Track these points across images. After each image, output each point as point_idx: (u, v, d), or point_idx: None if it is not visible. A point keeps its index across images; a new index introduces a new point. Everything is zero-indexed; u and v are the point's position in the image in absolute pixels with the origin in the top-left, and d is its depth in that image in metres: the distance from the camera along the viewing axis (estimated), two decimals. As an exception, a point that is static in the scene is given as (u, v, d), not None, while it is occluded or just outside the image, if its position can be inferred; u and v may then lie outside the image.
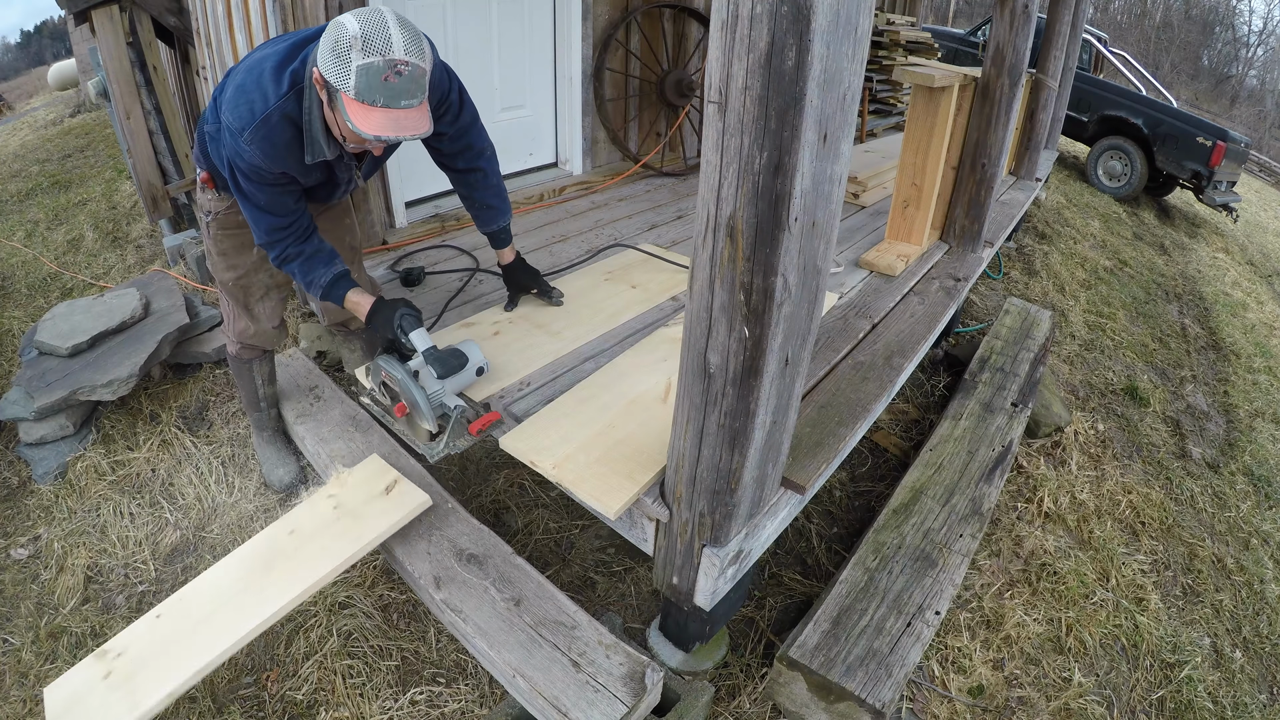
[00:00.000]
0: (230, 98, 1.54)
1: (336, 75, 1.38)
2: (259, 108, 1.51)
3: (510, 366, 2.08)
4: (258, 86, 1.53)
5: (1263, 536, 3.17)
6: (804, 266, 1.26)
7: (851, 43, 1.11)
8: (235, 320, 2.10)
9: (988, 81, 2.93)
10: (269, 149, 1.54)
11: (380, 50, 1.35)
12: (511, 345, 2.18)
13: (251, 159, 1.54)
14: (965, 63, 8.23)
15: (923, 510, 2.36)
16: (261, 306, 2.09)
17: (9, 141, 7.11)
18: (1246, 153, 8.01)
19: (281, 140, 1.55)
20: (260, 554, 1.82)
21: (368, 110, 1.38)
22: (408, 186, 3.11)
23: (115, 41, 3.27)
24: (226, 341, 2.19)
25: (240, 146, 1.53)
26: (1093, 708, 2.06)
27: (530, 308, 2.42)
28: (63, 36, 28.08)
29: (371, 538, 1.81)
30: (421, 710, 1.79)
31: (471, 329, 2.27)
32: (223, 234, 1.94)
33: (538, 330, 2.28)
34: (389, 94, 1.38)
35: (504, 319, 2.33)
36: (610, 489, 1.62)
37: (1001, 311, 3.82)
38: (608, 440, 1.77)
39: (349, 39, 1.35)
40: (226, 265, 1.99)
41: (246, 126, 1.51)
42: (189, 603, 1.72)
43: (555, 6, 3.51)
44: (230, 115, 1.53)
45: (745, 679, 1.95)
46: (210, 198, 1.88)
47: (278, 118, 1.52)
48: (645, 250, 2.89)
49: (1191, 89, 24.49)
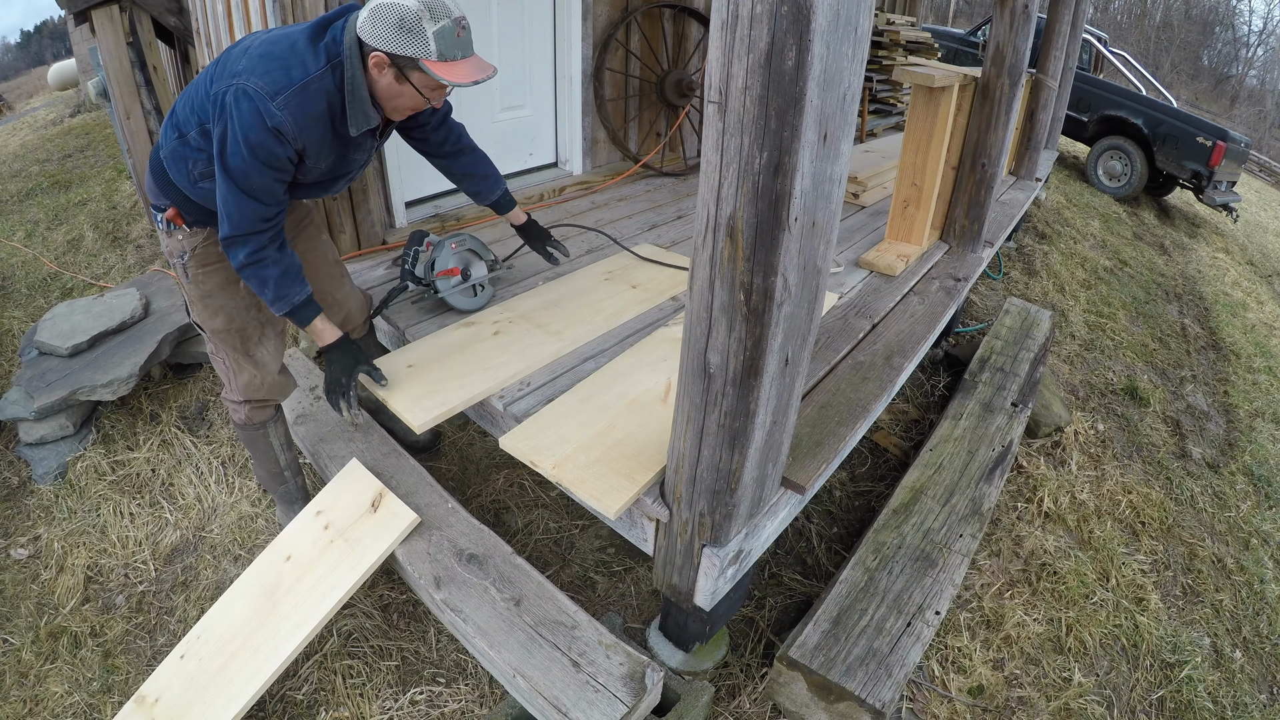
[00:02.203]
0: (257, 64, 1.49)
1: (414, 47, 1.49)
2: (297, 74, 1.49)
3: (510, 366, 2.07)
4: (294, 53, 1.51)
5: (1263, 536, 3.17)
6: (804, 266, 1.26)
7: (851, 43, 1.11)
8: (237, 374, 1.87)
9: (988, 81, 2.93)
10: (301, 117, 1.51)
11: (445, 14, 1.51)
12: (511, 345, 2.18)
13: (279, 123, 1.48)
14: (965, 63, 8.23)
15: (923, 510, 2.36)
16: (262, 349, 1.88)
17: (9, 141, 7.11)
18: (1246, 153, 8.00)
19: (314, 111, 1.53)
20: (265, 585, 1.85)
21: (453, 65, 1.53)
22: (408, 186, 3.11)
23: (115, 41, 3.27)
24: (229, 409, 1.95)
25: (268, 110, 1.46)
26: (1093, 708, 2.06)
27: (530, 307, 2.42)
28: (63, 36, 28.07)
29: (368, 565, 1.82)
30: (421, 710, 1.79)
31: (472, 328, 2.27)
32: (203, 272, 1.76)
33: (538, 330, 2.28)
34: (463, 46, 1.55)
35: (504, 319, 2.33)
36: (610, 489, 1.62)
37: (1001, 311, 3.82)
38: (608, 440, 1.77)
39: (414, 13, 1.48)
40: (215, 309, 1.79)
41: (282, 90, 1.47)
42: (208, 643, 1.77)
43: (555, 6, 3.50)
44: (260, 79, 1.46)
45: (745, 679, 1.95)
46: (182, 236, 1.71)
47: (316, 88, 1.52)
48: (641, 255, 2.88)
49: (1191, 89, 24.48)
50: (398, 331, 2.34)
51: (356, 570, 1.81)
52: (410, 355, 2.11)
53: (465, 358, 2.11)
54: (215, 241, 1.71)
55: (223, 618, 1.81)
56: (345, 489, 2.00)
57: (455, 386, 1.97)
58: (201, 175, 1.60)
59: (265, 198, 1.56)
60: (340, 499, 1.98)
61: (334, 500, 1.98)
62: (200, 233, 1.72)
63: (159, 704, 1.69)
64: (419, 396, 1.92)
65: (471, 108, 3.29)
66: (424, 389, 1.96)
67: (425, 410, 1.87)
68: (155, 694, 1.72)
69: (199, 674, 1.72)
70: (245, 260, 1.59)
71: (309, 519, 1.96)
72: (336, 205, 2.59)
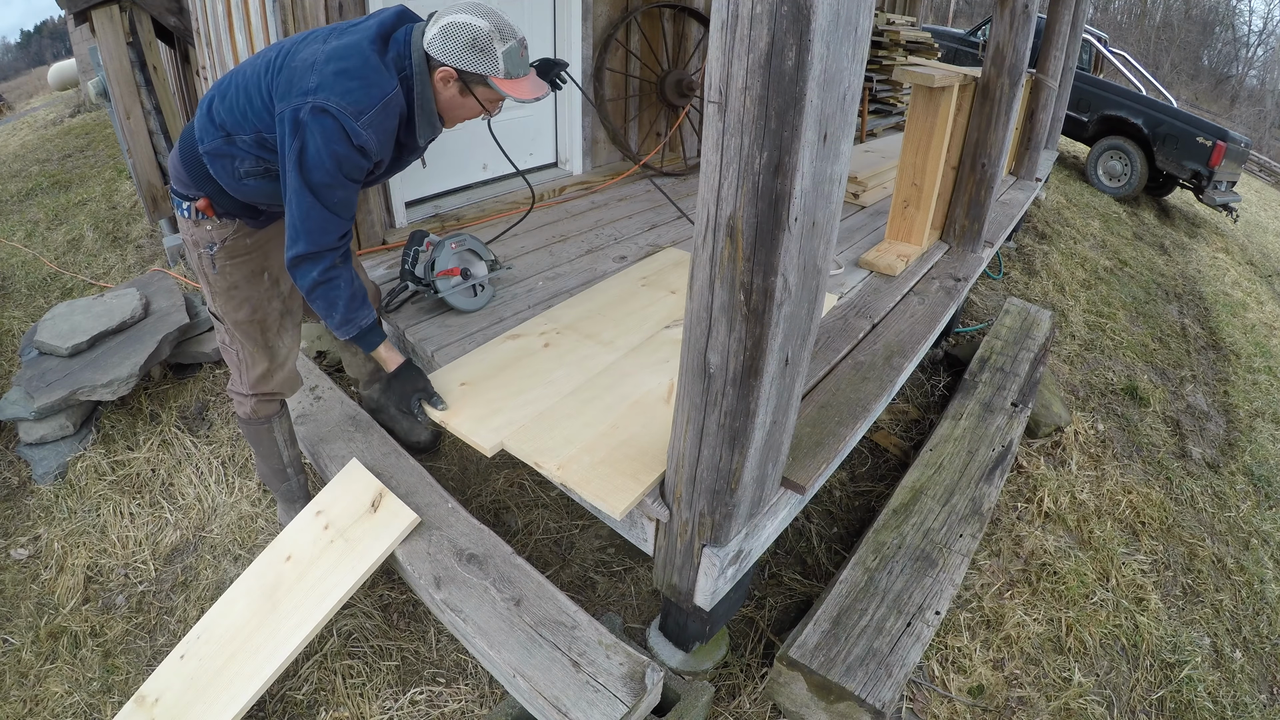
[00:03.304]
0: (333, 81, 1.48)
1: (484, 65, 1.58)
2: (376, 94, 1.52)
3: (571, 379, 2.01)
4: (368, 69, 1.53)
5: (1263, 536, 3.17)
6: (804, 266, 1.26)
7: (851, 43, 1.11)
8: (252, 366, 1.86)
9: (988, 81, 2.93)
10: (382, 134, 1.56)
11: (512, 35, 1.60)
12: (566, 357, 2.12)
13: (364, 141, 1.51)
14: (965, 63, 8.23)
15: (923, 510, 2.36)
16: (281, 340, 1.89)
17: (9, 141, 7.11)
18: (1246, 153, 8.00)
19: (393, 125, 1.59)
20: (265, 585, 1.85)
21: (517, 82, 1.63)
22: (408, 187, 3.11)
23: (115, 41, 3.27)
24: (235, 402, 1.94)
25: (353, 129, 1.48)
26: (1093, 708, 2.06)
27: (574, 317, 2.36)
28: (63, 36, 28.09)
29: (367, 566, 1.82)
30: (421, 710, 1.79)
31: (520, 340, 2.21)
32: (231, 264, 1.75)
33: (588, 340, 2.23)
34: (524, 65, 1.65)
35: (551, 329, 2.28)
36: (615, 489, 1.62)
37: (1001, 311, 3.82)
38: (612, 441, 1.77)
39: (486, 34, 1.56)
40: (239, 301, 1.79)
41: (365, 109, 1.50)
42: (208, 643, 1.77)
43: (555, 6, 3.50)
44: (341, 99, 1.47)
45: (745, 679, 1.95)
46: (211, 227, 1.71)
47: (393, 104, 1.57)
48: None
49: (1191, 89, 24.48)
50: (397, 331, 2.34)
51: (356, 571, 1.81)
52: (461, 372, 2.04)
53: (521, 372, 2.04)
54: (246, 233, 1.75)
55: (222, 618, 1.81)
56: (345, 489, 2.00)
57: (520, 404, 1.90)
58: (248, 173, 1.62)
59: (344, 212, 1.59)
60: (340, 499, 1.98)
61: (334, 500, 1.98)
62: (231, 224, 1.73)
63: (159, 704, 1.69)
64: (483, 417, 1.85)
65: (471, 108, 3.29)
66: (486, 408, 1.88)
67: (494, 431, 1.80)
68: (155, 694, 1.72)
69: (199, 674, 1.72)
70: (319, 278, 1.59)
71: (309, 519, 1.96)
72: (336, 205, 2.59)
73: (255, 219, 1.76)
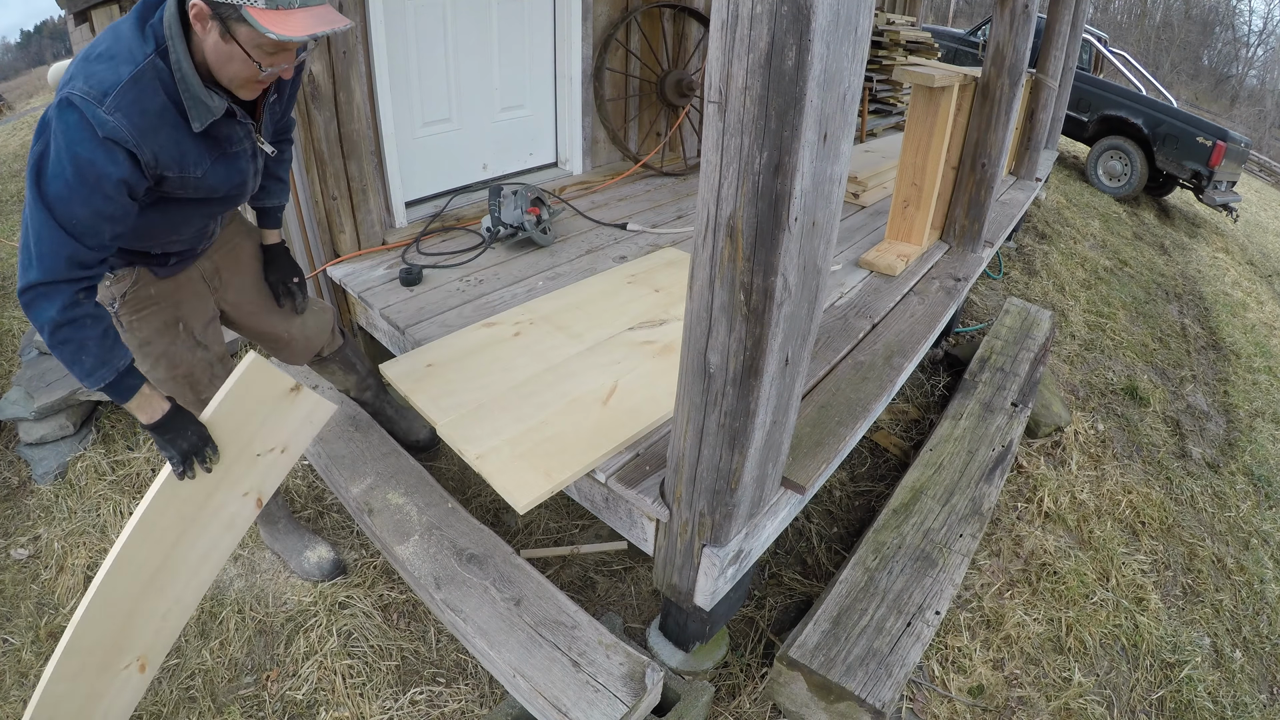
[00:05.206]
0: (80, 66, 1.22)
1: None
2: (126, 68, 1.21)
3: (530, 368, 2.08)
4: (118, 44, 1.23)
5: (1263, 536, 3.17)
6: (804, 266, 1.26)
7: (851, 43, 1.11)
8: None
9: (988, 81, 2.93)
10: (139, 117, 1.22)
11: None
12: (532, 347, 2.18)
13: (112, 131, 1.19)
14: (965, 63, 8.23)
15: (923, 510, 2.36)
16: (214, 391, 1.55)
17: (9, 141, 7.11)
18: (1246, 153, 8.01)
19: (154, 106, 1.24)
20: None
21: (286, 15, 1.21)
22: (408, 186, 3.11)
23: (115, 41, 3.27)
24: None
25: (98, 117, 1.18)
26: (1093, 708, 2.06)
27: (552, 309, 2.42)
28: (63, 36, 28.09)
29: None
30: (421, 710, 1.79)
31: (492, 329, 2.28)
32: (138, 319, 1.55)
33: (559, 332, 2.28)
34: None
35: (525, 320, 2.33)
36: (523, 484, 1.66)
37: (1001, 311, 3.82)
38: (536, 437, 1.81)
39: None
40: (155, 358, 1.59)
41: (110, 90, 1.19)
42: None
43: (555, 6, 3.50)
44: (85, 83, 1.19)
45: (745, 679, 1.95)
46: (110, 282, 1.51)
47: (150, 76, 1.23)
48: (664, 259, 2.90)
49: (1191, 89, 24.49)
50: (397, 331, 2.34)
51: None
52: (430, 354, 2.13)
53: (485, 358, 2.12)
54: (148, 282, 1.55)
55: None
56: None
57: (474, 387, 1.99)
58: None
59: (88, 238, 1.23)
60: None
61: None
62: (128, 275, 1.53)
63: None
64: (436, 397, 1.94)
65: (471, 107, 3.29)
66: (442, 389, 1.97)
67: (443, 411, 1.89)
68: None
69: None
70: (59, 317, 1.24)
71: None
72: (336, 205, 2.60)
73: (162, 265, 1.56)
